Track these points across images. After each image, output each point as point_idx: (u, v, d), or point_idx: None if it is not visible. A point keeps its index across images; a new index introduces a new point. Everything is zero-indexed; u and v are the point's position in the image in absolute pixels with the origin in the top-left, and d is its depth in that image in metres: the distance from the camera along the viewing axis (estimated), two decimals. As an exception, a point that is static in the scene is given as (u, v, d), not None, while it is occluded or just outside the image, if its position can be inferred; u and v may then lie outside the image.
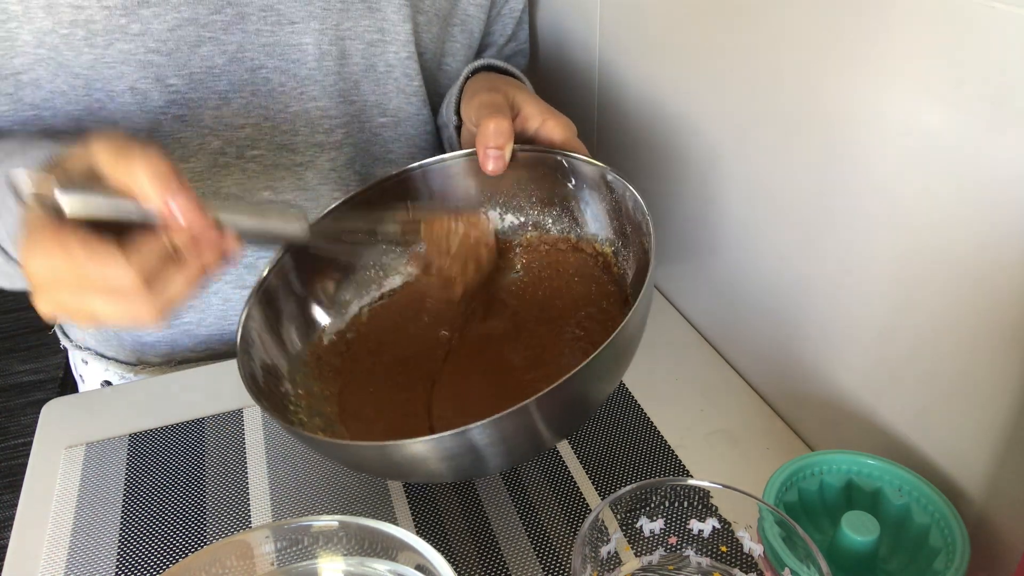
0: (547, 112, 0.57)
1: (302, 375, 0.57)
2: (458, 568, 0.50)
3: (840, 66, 0.46)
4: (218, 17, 0.61)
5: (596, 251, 0.59)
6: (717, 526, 0.41)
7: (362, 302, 0.63)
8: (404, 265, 0.64)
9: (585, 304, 0.59)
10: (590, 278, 0.59)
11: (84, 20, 0.57)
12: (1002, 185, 0.38)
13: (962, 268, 0.42)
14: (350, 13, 0.65)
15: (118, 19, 0.58)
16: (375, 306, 0.63)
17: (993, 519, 0.44)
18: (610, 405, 0.62)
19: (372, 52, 0.67)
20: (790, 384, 0.59)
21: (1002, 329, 0.40)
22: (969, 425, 0.44)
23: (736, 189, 0.60)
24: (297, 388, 0.55)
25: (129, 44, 0.59)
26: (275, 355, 0.55)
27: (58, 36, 0.58)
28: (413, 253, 0.63)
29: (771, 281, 0.58)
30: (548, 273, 0.61)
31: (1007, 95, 0.37)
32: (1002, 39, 0.36)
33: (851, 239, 0.49)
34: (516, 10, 0.80)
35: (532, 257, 0.62)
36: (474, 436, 0.42)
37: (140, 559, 0.52)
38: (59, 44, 0.58)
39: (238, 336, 0.52)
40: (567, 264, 0.61)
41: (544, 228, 0.62)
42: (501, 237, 0.62)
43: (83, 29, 0.58)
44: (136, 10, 0.58)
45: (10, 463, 1.89)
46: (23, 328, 2.28)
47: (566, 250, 0.61)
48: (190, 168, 0.66)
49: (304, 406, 0.55)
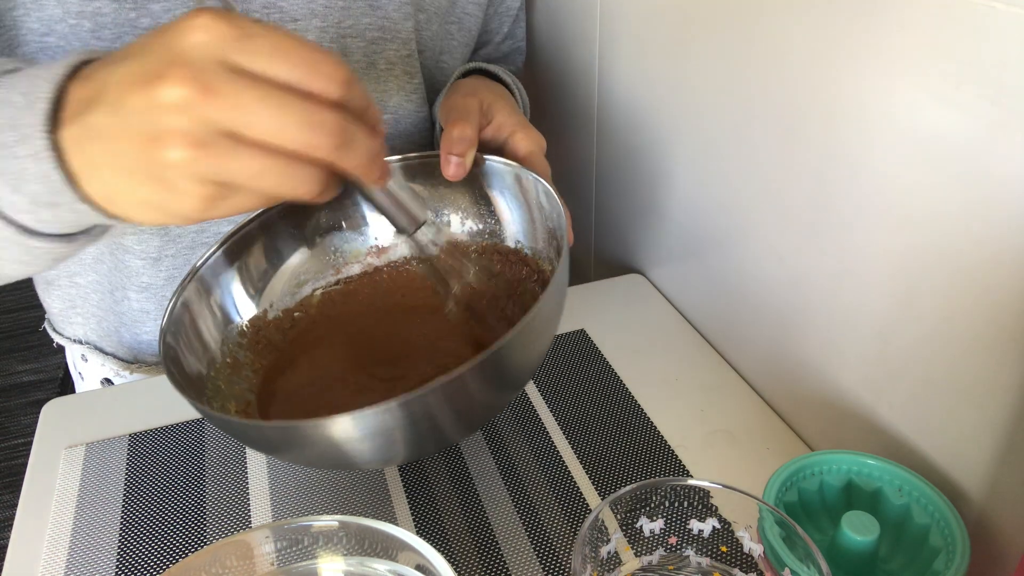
0: (518, 124, 0.58)
1: (234, 344, 0.57)
2: (458, 568, 0.50)
3: (840, 66, 0.46)
4: None
5: (538, 268, 0.59)
6: (717, 526, 0.41)
7: (316, 284, 0.64)
8: (365, 255, 0.65)
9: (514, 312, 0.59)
10: (531, 295, 0.59)
11: (92, 11, 0.57)
12: (1002, 185, 0.38)
13: (962, 268, 0.42)
14: (352, 11, 0.65)
15: (127, 12, 0.57)
16: (329, 290, 0.64)
17: (993, 519, 0.44)
18: (610, 405, 0.62)
19: (373, 50, 0.68)
20: (790, 384, 0.59)
21: (1002, 329, 0.40)
22: (969, 425, 0.44)
23: (737, 189, 0.60)
24: (225, 357, 0.56)
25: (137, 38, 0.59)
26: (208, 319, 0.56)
27: (66, 26, 0.57)
28: (376, 247, 0.65)
29: (771, 281, 0.58)
30: (497, 282, 0.61)
31: (1007, 95, 0.37)
32: (1002, 39, 0.36)
33: (851, 239, 0.49)
34: (512, 8, 0.80)
35: (485, 264, 0.63)
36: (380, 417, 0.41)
37: (140, 559, 0.52)
38: (67, 33, 0.57)
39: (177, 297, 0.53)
40: (514, 276, 0.61)
41: (499, 237, 0.62)
42: (460, 242, 0.63)
43: (90, 21, 0.57)
44: (146, 4, 0.58)
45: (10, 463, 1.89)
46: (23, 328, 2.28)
47: (515, 262, 0.61)
48: None
49: (225, 375, 0.55)
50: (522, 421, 0.61)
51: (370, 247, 0.65)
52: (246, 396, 0.55)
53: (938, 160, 0.41)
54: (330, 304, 0.64)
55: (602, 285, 0.77)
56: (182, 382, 0.49)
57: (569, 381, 0.64)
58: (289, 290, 0.63)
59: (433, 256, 0.59)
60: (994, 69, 0.37)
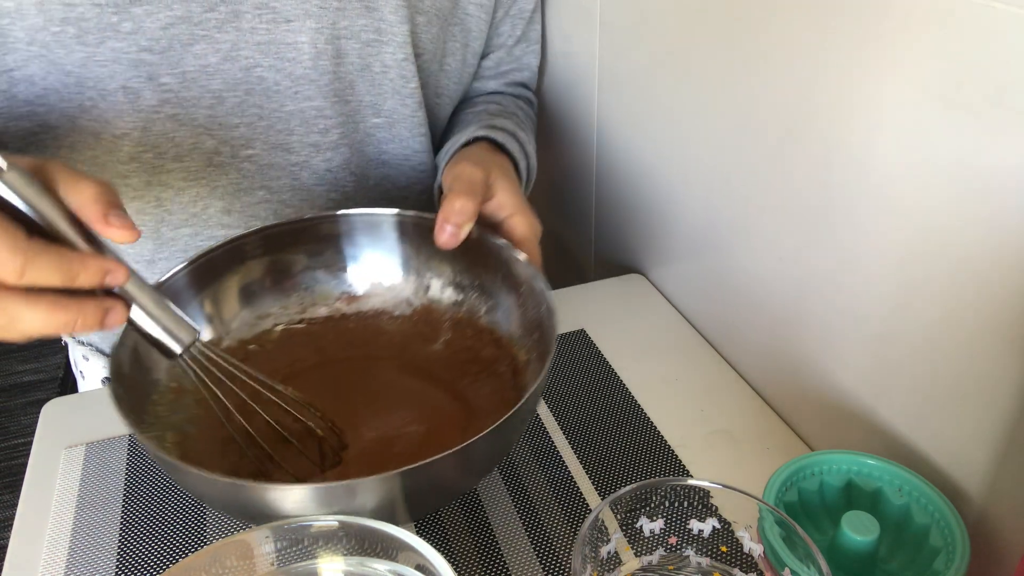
0: (518, 207, 0.58)
1: (182, 370, 0.56)
2: (458, 568, 0.50)
3: (840, 66, 0.46)
4: (212, 15, 0.60)
5: (512, 354, 0.58)
6: (717, 526, 0.41)
7: (279, 319, 0.62)
8: (335, 300, 0.64)
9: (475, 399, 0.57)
10: (495, 376, 0.58)
11: (75, 18, 0.57)
12: (1002, 185, 0.38)
13: (962, 268, 0.42)
14: (347, 12, 0.65)
15: (109, 17, 0.58)
16: (291, 328, 0.62)
17: (993, 519, 0.44)
18: (610, 405, 0.62)
19: (368, 52, 0.67)
20: (790, 384, 0.59)
21: (1002, 329, 0.40)
22: (969, 425, 0.44)
23: (737, 189, 0.60)
24: (171, 381, 0.54)
25: (121, 42, 0.59)
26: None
27: (49, 34, 0.58)
28: (348, 294, 0.64)
29: (771, 281, 0.58)
30: (464, 357, 0.61)
31: (1007, 95, 0.37)
32: (1002, 39, 0.36)
33: (851, 239, 0.49)
34: (526, 11, 0.79)
35: (456, 336, 0.62)
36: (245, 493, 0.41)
37: (140, 559, 0.52)
38: (50, 41, 0.58)
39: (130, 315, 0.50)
40: (483, 355, 0.60)
41: (476, 313, 0.62)
42: (436, 308, 0.63)
43: (74, 27, 0.58)
44: (128, 8, 0.58)
45: (10, 463, 1.89)
46: (23, 328, 2.28)
47: (488, 342, 0.60)
48: (184, 167, 0.66)
49: (168, 401, 0.54)
50: (522, 421, 0.61)
51: (342, 292, 0.64)
52: (185, 428, 0.54)
53: (938, 160, 0.41)
54: (288, 342, 0.62)
55: (602, 285, 0.77)
56: (127, 406, 0.47)
57: (569, 381, 0.64)
58: (250, 320, 0.61)
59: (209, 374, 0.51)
60: (994, 69, 0.37)
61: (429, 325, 0.63)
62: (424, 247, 0.62)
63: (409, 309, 0.63)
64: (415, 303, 0.64)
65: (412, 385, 0.59)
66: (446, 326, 0.62)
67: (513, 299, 0.59)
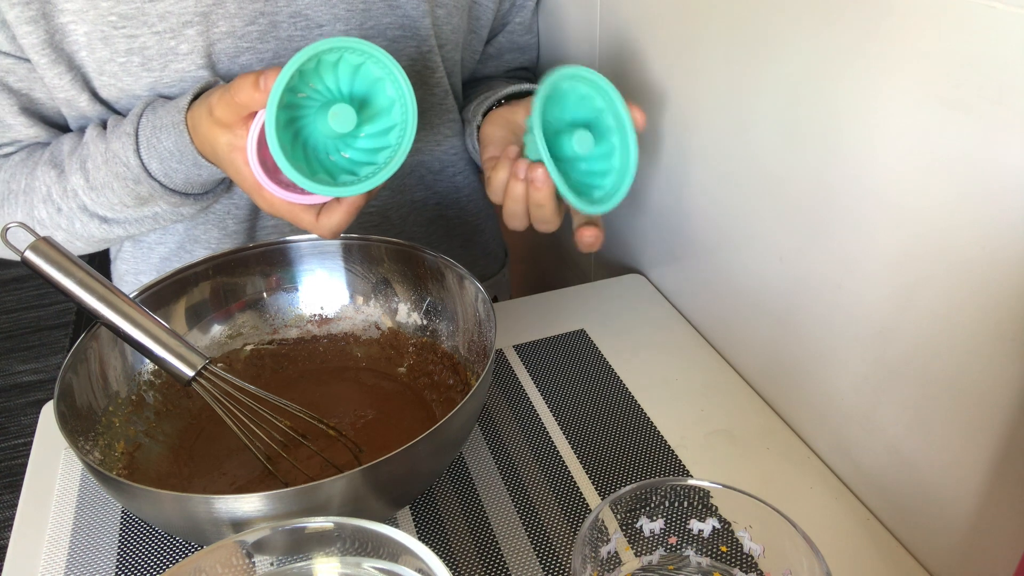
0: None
1: (146, 383, 0.57)
2: (458, 568, 0.50)
3: (840, 66, 0.46)
4: (253, 28, 0.64)
5: (467, 380, 0.59)
6: (717, 526, 0.41)
7: (249, 339, 0.63)
8: (307, 321, 0.65)
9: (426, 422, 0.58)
10: (451, 404, 0.59)
11: (139, 47, 0.61)
12: (1001, 185, 0.38)
13: (962, 268, 0.42)
14: (372, 12, 0.68)
15: (168, 42, 0.62)
16: (260, 348, 0.63)
17: (993, 519, 0.44)
18: (610, 405, 0.62)
19: (394, 48, 0.70)
20: (790, 384, 0.59)
21: (1002, 329, 0.40)
22: (969, 425, 0.44)
23: (737, 189, 0.60)
24: (131, 393, 0.56)
25: (181, 63, 0.63)
26: (119, 351, 0.56)
27: (116, 64, 0.62)
28: (319, 316, 0.65)
29: (771, 281, 0.58)
30: (424, 382, 0.61)
31: (1007, 95, 0.37)
32: (1002, 39, 0.36)
33: (851, 239, 0.49)
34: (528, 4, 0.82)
35: (419, 360, 0.63)
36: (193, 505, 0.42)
37: (140, 559, 0.52)
38: (118, 71, 0.62)
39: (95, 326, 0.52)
40: (443, 382, 0.61)
41: (439, 338, 0.62)
42: (402, 332, 0.64)
43: (139, 56, 0.62)
44: (182, 31, 0.61)
45: (10, 463, 1.89)
46: (23, 328, 2.28)
47: (447, 367, 0.61)
48: None
49: (124, 412, 0.55)
50: (522, 421, 0.61)
51: (313, 315, 0.65)
52: (139, 439, 0.54)
53: (938, 160, 0.41)
54: (258, 362, 0.63)
55: (602, 285, 0.77)
56: (67, 415, 0.48)
57: (569, 381, 0.64)
58: (220, 339, 0.62)
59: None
60: (994, 69, 0.37)
61: (396, 350, 0.64)
62: (394, 272, 0.63)
63: (378, 333, 0.64)
64: (383, 327, 0.64)
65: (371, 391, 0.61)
66: (411, 350, 0.63)
67: (464, 323, 0.60)
